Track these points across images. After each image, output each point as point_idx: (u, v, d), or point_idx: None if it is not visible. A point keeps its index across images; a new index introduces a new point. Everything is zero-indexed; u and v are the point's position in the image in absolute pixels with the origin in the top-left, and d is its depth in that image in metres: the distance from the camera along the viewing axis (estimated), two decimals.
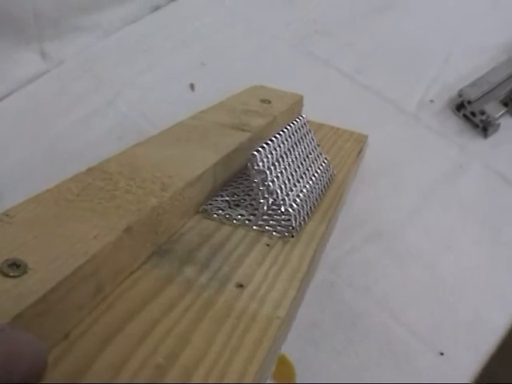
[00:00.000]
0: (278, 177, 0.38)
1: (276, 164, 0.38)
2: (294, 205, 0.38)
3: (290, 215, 0.37)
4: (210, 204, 0.39)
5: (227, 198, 0.40)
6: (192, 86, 0.71)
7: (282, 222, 0.38)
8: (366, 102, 0.72)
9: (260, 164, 0.36)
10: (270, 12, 0.87)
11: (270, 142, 0.37)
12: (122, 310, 0.27)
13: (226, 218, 0.38)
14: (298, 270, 0.34)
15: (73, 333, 0.24)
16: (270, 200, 0.37)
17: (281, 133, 0.40)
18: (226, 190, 0.42)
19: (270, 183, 0.37)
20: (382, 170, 0.60)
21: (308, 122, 0.47)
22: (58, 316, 0.23)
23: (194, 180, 0.36)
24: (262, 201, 0.37)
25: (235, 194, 0.41)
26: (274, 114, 0.50)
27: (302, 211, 0.39)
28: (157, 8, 0.86)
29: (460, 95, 0.68)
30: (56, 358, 0.22)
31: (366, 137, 0.59)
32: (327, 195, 0.45)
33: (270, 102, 0.52)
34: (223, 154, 0.40)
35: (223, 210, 0.38)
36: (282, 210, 0.37)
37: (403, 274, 0.49)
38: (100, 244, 0.26)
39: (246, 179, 0.43)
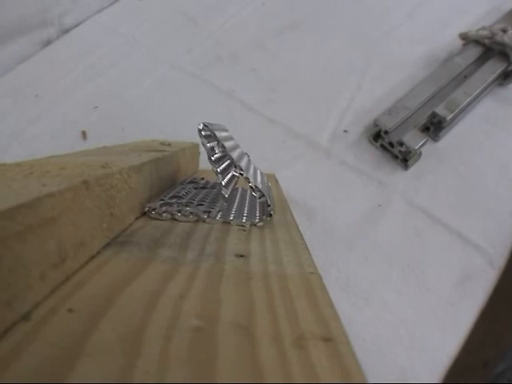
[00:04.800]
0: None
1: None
2: (265, 189, 0.32)
3: (265, 196, 0.31)
4: (154, 206, 0.31)
5: (172, 201, 0.33)
6: (84, 134, 0.63)
7: (257, 209, 0.34)
8: (273, 137, 0.66)
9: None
10: (170, 36, 0.80)
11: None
12: (100, 287, 0.19)
13: (181, 216, 0.30)
14: (295, 242, 0.28)
15: (35, 312, 0.16)
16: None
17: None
18: (165, 195, 0.35)
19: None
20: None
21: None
22: (15, 277, 0.15)
23: (137, 166, 0.29)
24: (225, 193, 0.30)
25: (178, 197, 0.34)
26: (180, 148, 0.46)
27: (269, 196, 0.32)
28: (48, 43, 0.78)
29: (376, 124, 0.63)
30: (17, 344, 0.14)
31: (272, 176, 0.54)
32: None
33: (169, 144, 0.47)
34: (152, 158, 0.35)
35: (172, 209, 0.31)
36: (257, 194, 0.31)
37: None
38: (56, 188, 0.19)
39: (190, 182, 0.39)
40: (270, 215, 0.31)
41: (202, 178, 0.43)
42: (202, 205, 0.33)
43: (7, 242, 0.15)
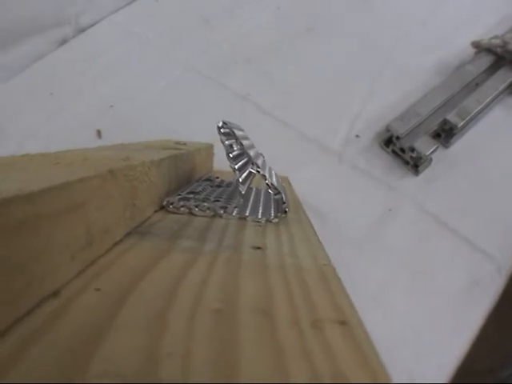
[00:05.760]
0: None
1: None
2: (280, 186, 0.33)
3: (281, 193, 0.32)
4: (172, 200, 0.32)
5: (189, 196, 0.33)
6: (99, 133, 0.64)
7: (271, 206, 0.35)
8: (286, 140, 0.66)
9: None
10: (185, 37, 0.80)
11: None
12: (124, 270, 0.20)
13: (198, 210, 0.31)
14: (308, 237, 0.29)
15: (64, 291, 0.17)
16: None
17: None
18: (182, 191, 0.36)
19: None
20: None
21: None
22: (48, 255, 0.16)
23: (157, 160, 0.30)
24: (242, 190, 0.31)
25: (195, 192, 0.35)
26: (195, 147, 0.47)
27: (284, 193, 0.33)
28: (64, 42, 0.78)
29: (388, 130, 0.64)
30: (48, 319, 0.15)
31: (285, 179, 0.54)
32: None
33: (185, 144, 0.48)
34: (170, 154, 0.35)
35: (190, 203, 0.32)
36: (273, 191, 0.32)
37: None
38: (85, 174, 0.20)
39: (206, 180, 0.41)
40: (285, 212, 0.32)
41: (217, 177, 0.44)
42: (218, 201, 0.34)
43: (42, 220, 0.15)
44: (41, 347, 0.13)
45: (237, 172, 0.30)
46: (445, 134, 0.65)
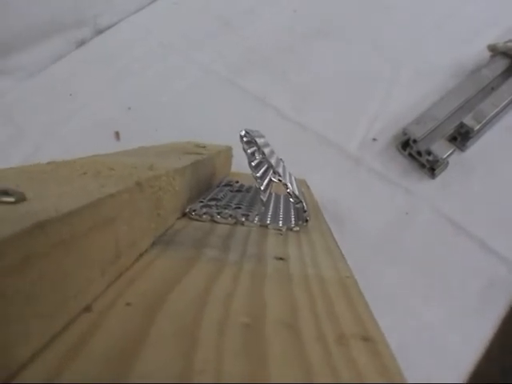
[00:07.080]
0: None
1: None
2: (300, 195, 0.33)
3: (302, 202, 0.32)
4: (194, 207, 0.32)
5: (211, 203, 0.34)
6: (117, 135, 0.64)
7: (292, 213, 0.35)
8: (304, 143, 0.67)
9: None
10: (203, 40, 0.81)
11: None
12: (152, 282, 0.20)
13: (220, 218, 0.32)
14: (329, 247, 0.30)
15: (95, 305, 0.18)
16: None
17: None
18: (204, 197, 0.36)
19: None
20: None
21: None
22: (81, 272, 0.17)
23: (181, 168, 0.31)
24: (263, 198, 0.32)
25: (216, 199, 0.35)
26: (214, 151, 0.47)
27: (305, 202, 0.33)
28: (82, 43, 0.80)
29: (405, 133, 0.64)
30: (83, 333, 0.16)
31: (303, 182, 0.55)
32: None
33: (204, 147, 0.48)
34: (193, 161, 0.36)
35: (212, 211, 0.32)
36: (294, 199, 0.32)
37: None
38: (115, 189, 0.20)
39: (226, 185, 0.41)
40: (307, 221, 0.32)
41: (237, 182, 0.44)
42: (239, 208, 0.34)
43: (76, 239, 0.16)
44: (79, 362, 0.14)
45: (259, 180, 0.30)
46: (461, 137, 0.65)
